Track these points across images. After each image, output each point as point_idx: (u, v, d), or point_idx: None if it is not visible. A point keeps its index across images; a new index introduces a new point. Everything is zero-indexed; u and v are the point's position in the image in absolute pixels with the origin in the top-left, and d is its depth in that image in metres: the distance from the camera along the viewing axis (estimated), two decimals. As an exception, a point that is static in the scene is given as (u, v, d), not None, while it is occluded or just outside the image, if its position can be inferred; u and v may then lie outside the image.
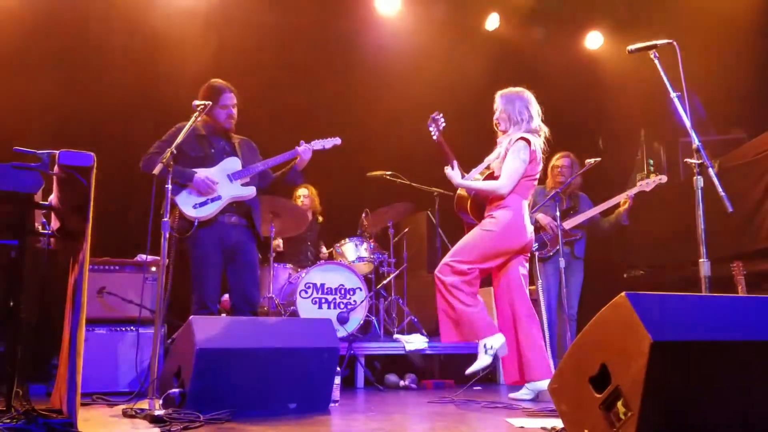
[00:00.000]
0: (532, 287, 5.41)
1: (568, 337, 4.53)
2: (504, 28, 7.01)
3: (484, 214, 3.82)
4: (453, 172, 3.82)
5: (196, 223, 3.86)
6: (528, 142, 3.71)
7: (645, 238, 6.16)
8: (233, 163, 4.04)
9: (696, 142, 2.84)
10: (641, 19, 6.58)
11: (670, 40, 3.00)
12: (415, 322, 5.18)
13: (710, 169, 2.81)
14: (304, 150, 4.11)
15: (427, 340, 4.80)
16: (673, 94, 2.93)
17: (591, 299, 5.01)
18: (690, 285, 4.96)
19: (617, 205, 5.04)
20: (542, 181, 5.23)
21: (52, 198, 2.32)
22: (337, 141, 4.25)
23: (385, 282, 5.49)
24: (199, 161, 3.97)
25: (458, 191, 4.02)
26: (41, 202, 2.28)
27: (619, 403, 2.01)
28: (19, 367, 2.57)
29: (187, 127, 3.45)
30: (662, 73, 2.97)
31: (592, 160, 4.54)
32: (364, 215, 5.56)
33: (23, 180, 2.08)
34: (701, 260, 2.77)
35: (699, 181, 2.81)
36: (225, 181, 3.97)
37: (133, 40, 5.73)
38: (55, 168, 2.08)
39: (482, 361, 3.55)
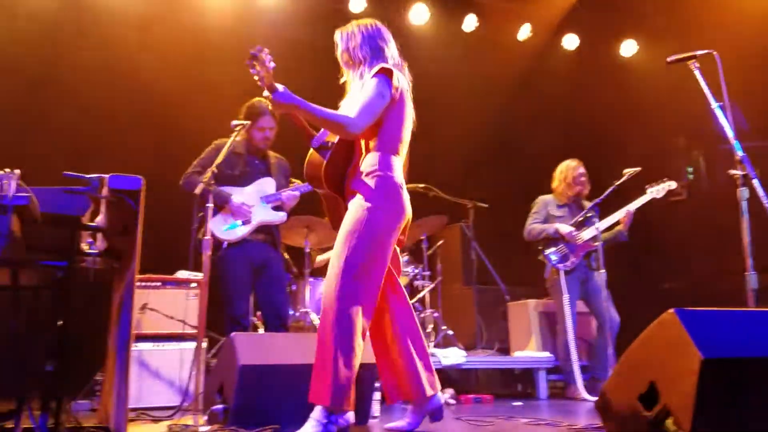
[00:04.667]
0: (547, 299, 5.34)
1: (610, 353, 4.45)
2: (535, 38, 7.00)
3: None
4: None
5: (225, 244, 3.96)
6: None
7: (682, 249, 6.05)
8: (267, 185, 4.13)
9: (740, 153, 2.79)
10: (676, 26, 6.49)
11: (710, 50, 2.96)
12: (451, 336, 5.15)
13: (755, 180, 2.76)
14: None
15: (464, 354, 4.77)
16: (714, 105, 2.89)
17: (624, 311, 4.93)
18: (730, 298, 4.84)
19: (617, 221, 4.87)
20: (553, 190, 5.19)
21: (100, 219, 2.38)
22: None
23: (419, 295, 5.48)
24: (234, 179, 4.04)
25: (310, 153, 2.98)
26: (89, 224, 2.34)
27: (669, 421, 1.98)
28: (66, 384, 2.62)
29: (226, 147, 3.50)
30: (703, 84, 2.93)
31: (631, 170, 4.46)
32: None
33: (72, 203, 2.16)
34: (747, 273, 2.72)
35: (744, 192, 2.76)
36: (258, 204, 4.06)
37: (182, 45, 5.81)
38: (104, 191, 2.16)
39: None
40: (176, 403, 4.05)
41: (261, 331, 4.99)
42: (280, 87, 2.62)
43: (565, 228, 4.90)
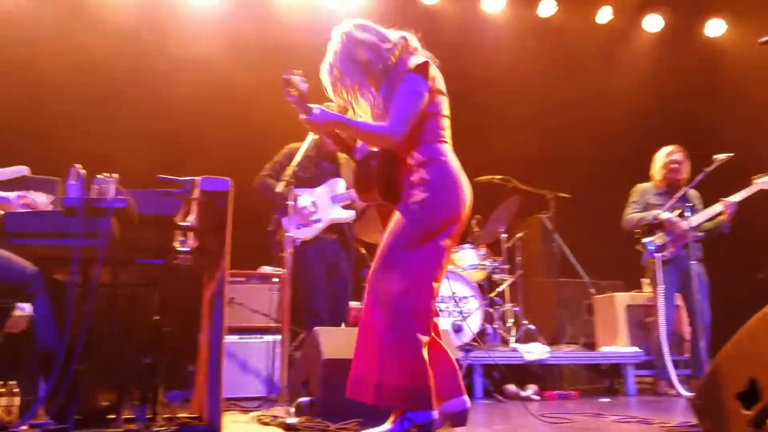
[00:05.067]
0: (649, 293, 5.16)
1: (703, 347, 4.26)
2: (616, 21, 6.76)
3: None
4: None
5: (298, 242, 4.13)
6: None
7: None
8: (338, 185, 4.28)
9: None
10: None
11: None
12: (534, 331, 5.07)
13: None
14: None
15: (548, 349, 4.69)
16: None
17: (720, 304, 4.71)
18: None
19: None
20: (650, 178, 5.00)
21: (192, 219, 2.49)
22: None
23: (499, 289, 5.42)
24: (306, 181, 4.18)
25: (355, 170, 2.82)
26: (182, 224, 2.45)
27: (772, 421, 1.88)
28: (162, 376, 2.75)
29: (301, 150, 3.53)
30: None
31: (722, 156, 4.25)
32: (474, 221, 5.52)
33: (167, 204, 2.27)
34: None
35: None
36: (327, 203, 4.22)
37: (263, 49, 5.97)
38: (196, 193, 2.27)
39: None
40: (262, 394, 4.20)
41: (342, 325, 5.09)
42: (315, 108, 2.53)
43: (665, 215, 4.73)
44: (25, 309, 2.67)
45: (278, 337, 4.28)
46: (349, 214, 4.27)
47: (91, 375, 2.46)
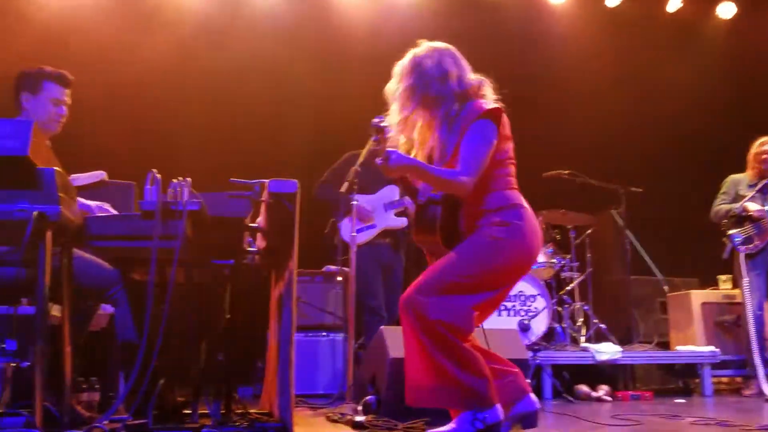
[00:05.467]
0: (735, 290, 4.95)
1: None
2: (686, 8, 6.50)
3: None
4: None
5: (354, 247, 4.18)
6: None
7: None
8: (391, 192, 4.35)
9: None
10: None
11: None
12: (604, 330, 4.94)
13: None
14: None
15: (620, 349, 4.56)
16: None
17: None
18: None
19: None
20: (743, 170, 4.82)
21: (260, 220, 2.54)
22: None
23: (568, 288, 5.30)
24: (362, 188, 4.22)
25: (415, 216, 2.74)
26: (251, 225, 2.52)
27: None
28: (235, 373, 2.83)
29: (362, 156, 3.65)
30: None
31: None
32: (541, 218, 5.43)
33: (237, 206, 2.34)
34: None
35: None
36: (380, 210, 4.33)
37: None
38: (265, 195, 2.33)
39: None
40: (328, 391, 4.27)
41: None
42: (392, 152, 2.45)
43: (753, 206, 4.57)
44: (107, 308, 2.80)
45: (344, 335, 4.35)
46: (402, 222, 4.37)
47: (168, 372, 2.55)
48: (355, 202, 3.73)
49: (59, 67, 2.93)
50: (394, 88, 2.55)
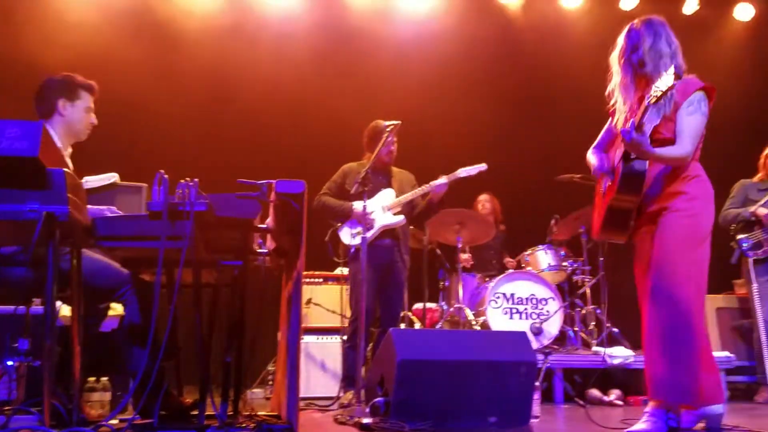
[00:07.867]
0: (741, 294, 4.89)
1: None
2: (704, 11, 6.44)
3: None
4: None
5: (353, 249, 4.24)
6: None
7: None
8: (387, 195, 4.38)
9: None
10: None
11: None
12: (617, 334, 4.89)
13: None
14: (439, 185, 4.33)
15: (632, 353, 4.51)
16: None
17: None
18: None
19: None
20: (753, 173, 4.78)
21: (269, 221, 2.55)
22: (483, 167, 4.44)
23: (580, 291, 5.26)
24: (358, 196, 4.25)
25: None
26: (260, 226, 2.52)
27: None
28: (243, 374, 2.83)
29: (365, 167, 3.84)
30: None
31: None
32: (553, 222, 5.39)
33: (245, 207, 2.34)
34: None
35: None
36: (379, 211, 4.33)
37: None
38: (272, 195, 2.33)
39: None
40: (339, 394, 4.25)
41: (417, 326, 5.09)
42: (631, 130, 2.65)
43: (763, 210, 4.51)
44: (117, 308, 2.82)
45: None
46: (399, 219, 4.36)
47: (176, 372, 2.57)
48: (364, 203, 3.79)
49: (70, 71, 2.95)
50: (619, 55, 3.00)
